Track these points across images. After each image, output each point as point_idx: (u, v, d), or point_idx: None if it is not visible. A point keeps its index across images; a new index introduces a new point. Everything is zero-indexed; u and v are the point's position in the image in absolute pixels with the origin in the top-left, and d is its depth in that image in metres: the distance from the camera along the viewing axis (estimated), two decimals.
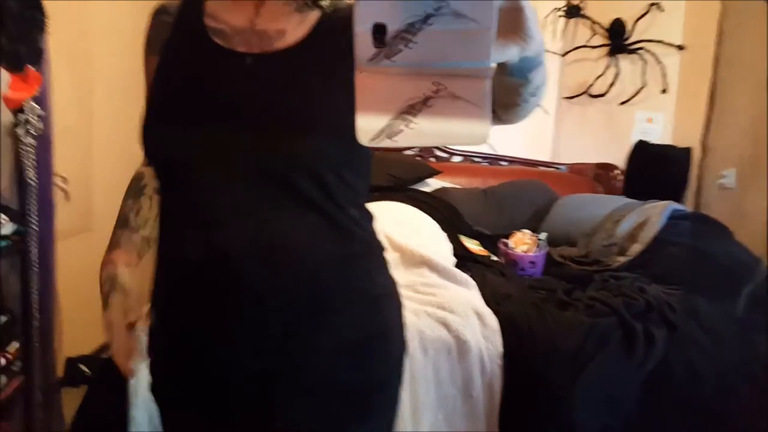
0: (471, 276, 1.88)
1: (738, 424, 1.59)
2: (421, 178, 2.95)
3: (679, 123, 3.28)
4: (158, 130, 0.83)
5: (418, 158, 3.26)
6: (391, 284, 0.94)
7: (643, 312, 1.70)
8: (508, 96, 0.73)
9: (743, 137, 2.86)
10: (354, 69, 0.54)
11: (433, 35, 0.53)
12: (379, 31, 0.52)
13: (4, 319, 1.49)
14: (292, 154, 0.79)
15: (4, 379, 1.49)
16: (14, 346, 1.55)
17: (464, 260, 2.08)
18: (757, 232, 2.49)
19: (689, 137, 3.21)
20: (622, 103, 3.29)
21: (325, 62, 0.82)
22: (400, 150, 3.28)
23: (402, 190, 2.69)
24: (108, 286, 0.95)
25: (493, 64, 0.56)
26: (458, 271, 1.86)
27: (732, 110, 2.96)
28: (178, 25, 0.89)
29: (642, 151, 3.31)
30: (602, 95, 3.29)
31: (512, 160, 3.34)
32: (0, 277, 1.46)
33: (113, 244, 0.99)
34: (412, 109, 0.56)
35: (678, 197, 3.04)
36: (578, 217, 2.58)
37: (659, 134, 3.32)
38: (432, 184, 2.95)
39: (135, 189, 1.00)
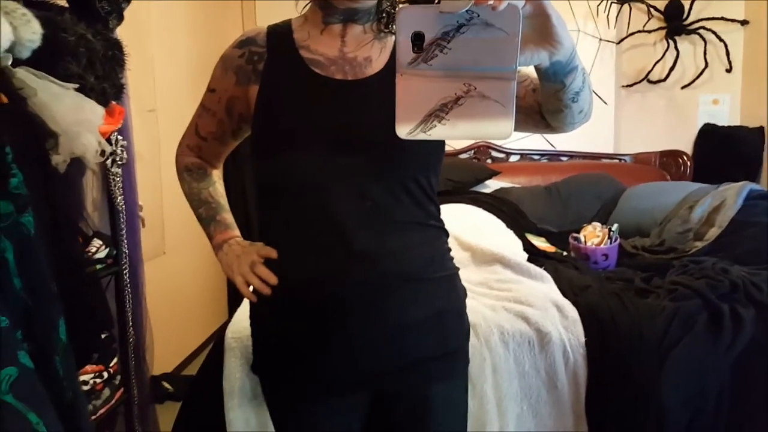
0: (545, 271, 1.95)
1: None
2: (479, 180, 3.02)
3: (747, 102, 3.25)
4: (292, 158, 0.97)
5: (475, 160, 3.34)
6: (455, 266, 1.11)
7: (728, 293, 1.73)
8: (550, 101, 0.86)
9: None
10: (396, 72, 0.66)
11: (465, 42, 0.64)
12: (418, 38, 0.64)
13: (105, 336, 1.66)
14: (404, 168, 0.97)
15: (107, 391, 1.65)
16: (114, 361, 1.71)
17: (535, 256, 2.14)
18: None
19: (760, 116, 3.18)
20: (685, 86, 3.29)
21: None
22: (457, 154, 3.38)
23: (462, 193, 2.78)
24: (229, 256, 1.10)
25: (519, 68, 0.67)
26: (532, 266, 1.93)
27: None
28: (274, 56, 1.03)
29: (710, 134, 3.30)
30: (662, 80, 3.31)
31: (573, 155, 3.39)
32: (100, 299, 1.63)
33: (223, 225, 1.14)
34: (445, 107, 0.68)
35: (753, 179, 3.01)
36: (648, 207, 2.61)
37: (727, 116, 3.30)
38: (491, 186, 3.03)
39: (205, 176, 1.20)
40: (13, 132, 1.22)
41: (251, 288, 1.05)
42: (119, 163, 1.78)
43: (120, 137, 1.79)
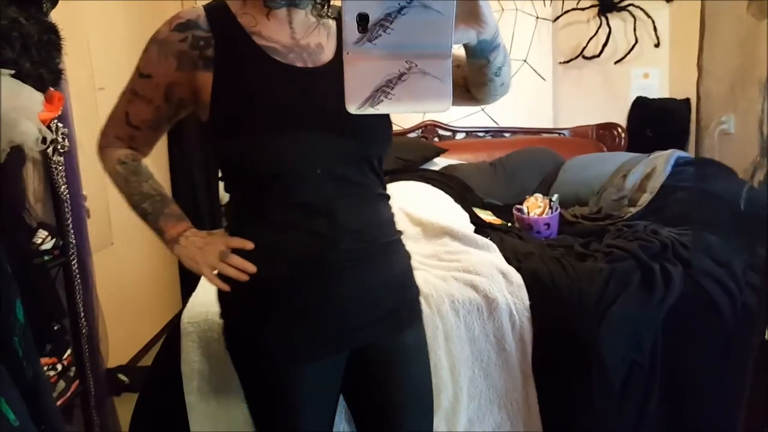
0: (490, 241, 2.04)
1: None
2: (427, 159, 3.10)
3: (675, 75, 3.43)
4: (265, 145, 1.00)
5: (423, 139, 3.42)
6: None
7: (658, 252, 1.85)
8: (476, 76, 0.95)
9: (736, 78, 3.00)
10: (343, 51, 0.71)
11: (406, 23, 0.71)
12: (362, 19, 0.69)
13: (57, 327, 1.65)
14: (369, 146, 1.06)
15: (62, 383, 1.64)
16: (67, 353, 1.70)
17: (482, 228, 2.23)
18: None
19: (687, 89, 3.36)
20: (617, 61, 3.45)
21: None
22: (405, 133, 3.45)
23: (411, 171, 2.85)
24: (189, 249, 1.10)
25: (454, 46, 0.74)
26: (479, 236, 2.01)
27: (722, 49, 3.07)
28: (226, 43, 1.03)
29: (641, 107, 3.47)
30: (597, 56, 3.45)
31: (515, 131, 3.50)
32: (49, 289, 1.62)
33: (173, 217, 1.13)
34: (390, 83, 0.74)
35: (681, 147, 3.20)
36: (586, 177, 2.74)
37: (657, 89, 3.48)
38: (439, 163, 3.11)
39: (141, 170, 1.15)
40: None
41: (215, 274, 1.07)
42: (61, 151, 1.76)
43: (60, 124, 1.76)
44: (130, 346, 2.66)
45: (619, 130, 3.44)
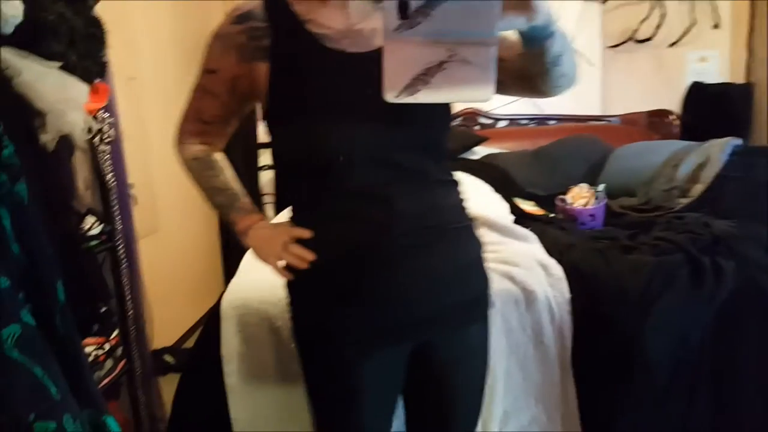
0: (530, 232, 2.01)
1: None
2: (467, 148, 3.06)
3: (735, 59, 3.27)
4: (322, 133, 1.01)
5: (463, 128, 3.38)
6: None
7: (709, 246, 1.79)
8: (533, 66, 0.92)
9: None
10: (383, 38, 0.70)
11: (447, 9, 0.68)
12: (403, 6, 0.68)
13: (104, 309, 1.72)
14: (422, 135, 1.04)
15: (110, 362, 1.71)
16: (115, 333, 1.77)
17: (522, 219, 2.20)
18: None
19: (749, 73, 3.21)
20: (672, 44, 3.31)
21: None
22: None
23: (450, 160, 2.81)
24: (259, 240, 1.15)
25: (498, 34, 0.71)
26: (518, 227, 1.98)
27: None
28: (281, 33, 1.03)
29: (698, 92, 3.33)
30: (649, 39, 3.32)
31: (560, 119, 3.42)
32: (95, 273, 1.68)
33: (245, 210, 1.16)
34: (429, 72, 0.72)
35: (741, 135, 3.05)
36: (635, 167, 2.65)
37: (715, 73, 3.33)
38: (479, 152, 3.07)
39: (215, 164, 1.18)
40: (2, 110, 1.26)
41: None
42: (107, 140, 1.82)
43: (106, 115, 1.82)
44: (176, 328, 2.74)
45: (672, 117, 3.31)
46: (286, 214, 1.17)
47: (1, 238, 0.77)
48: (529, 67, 0.93)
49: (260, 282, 1.73)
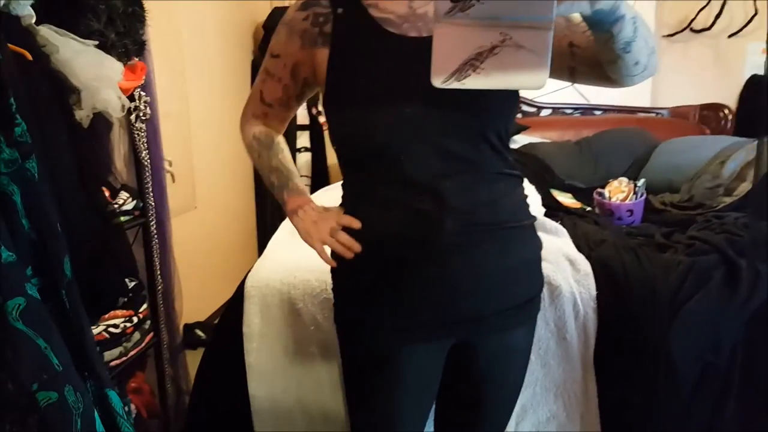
0: (562, 225, 1.96)
1: None
2: None
3: None
4: (375, 120, 0.99)
5: None
6: (533, 215, 1.15)
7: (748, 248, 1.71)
8: (603, 52, 0.87)
9: None
10: (433, 21, 0.67)
11: None
12: None
13: (134, 283, 1.77)
14: (485, 120, 0.99)
15: (137, 335, 1.77)
16: (144, 307, 1.83)
17: (555, 212, 2.15)
18: None
19: None
20: (731, 35, 3.16)
21: None
22: None
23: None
24: (305, 222, 1.14)
25: (555, 18, 0.68)
26: (547, 220, 1.94)
27: None
28: (343, 17, 1.03)
29: (757, 86, 3.17)
30: (707, 29, 3.18)
31: (607, 109, 3.32)
32: (125, 245, 1.74)
33: (294, 191, 1.16)
34: (480, 57, 0.69)
35: None
36: (681, 162, 2.56)
37: None
38: (519, 141, 3.01)
39: (273, 145, 1.19)
40: (37, 87, 1.31)
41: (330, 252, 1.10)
42: (143, 118, 1.87)
43: (143, 93, 1.87)
44: (209, 304, 2.82)
45: (726, 111, 3.17)
46: (319, 195, 1.17)
47: (11, 213, 0.81)
48: (600, 53, 0.89)
49: (283, 264, 1.76)
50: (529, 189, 2.26)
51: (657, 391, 1.59)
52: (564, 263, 1.72)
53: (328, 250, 1.11)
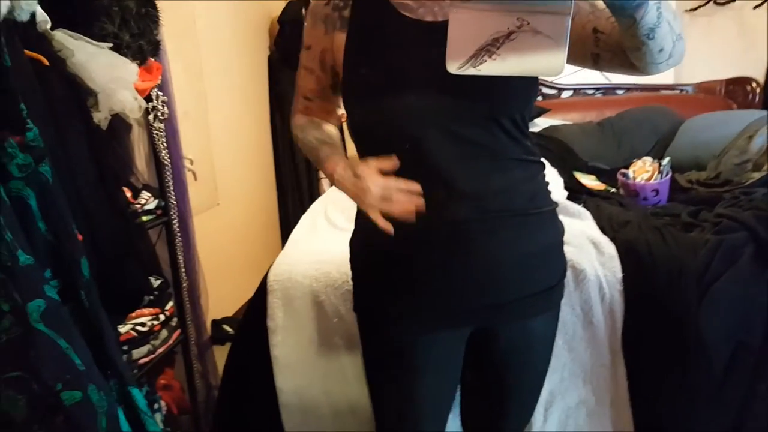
0: (585, 208, 1.93)
1: None
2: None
3: None
4: (387, 103, 0.98)
5: None
6: (554, 202, 1.13)
7: None
8: (626, 38, 0.84)
9: None
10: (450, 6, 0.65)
11: None
12: None
13: (159, 281, 1.80)
14: (499, 105, 0.97)
15: (165, 332, 1.80)
16: (170, 304, 1.85)
17: (577, 194, 2.12)
18: None
19: None
20: (757, 6, 3.06)
21: None
22: None
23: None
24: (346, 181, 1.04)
25: (580, 2, 0.65)
26: (570, 203, 1.91)
27: None
28: (360, 1, 1.03)
29: None
30: (731, 1, 3.09)
31: (629, 88, 3.25)
32: (148, 244, 1.76)
33: (328, 157, 1.07)
34: (496, 42, 0.67)
35: None
36: (707, 139, 2.49)
37: None
38: (540, 124, 2.96)
39: (314, 125, 1.15)
40: (54, 91, 1.33)
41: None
42: (161, 118, 1.88)
43: (160, 93, 1.88)
44: (236, 300, 2.84)
45: (753, 85, 3.07)
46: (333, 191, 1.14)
47: (28, 216, 0.82)
48: (623, 39, 0.86)
49: (304, 257, 1.76)
50: (552, 172, 2.23)
51: (688, 373, 1.56)
52: (588, 246, 1.70)
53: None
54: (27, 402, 0.77)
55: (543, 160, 2.28)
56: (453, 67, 0.68)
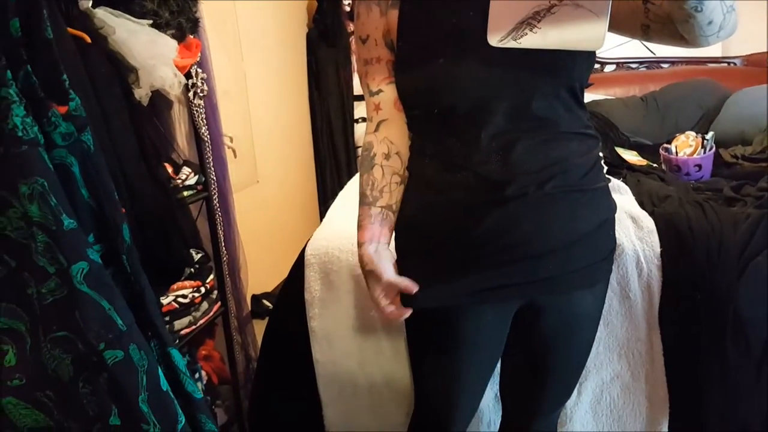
0: (625, 183, 1.89)
1: None
2: None
3: None
4: (431, 73, 0.96)
5: None
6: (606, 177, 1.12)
7: None
8: (674, 10, 0.82)
9: None
10: None
11: None
12: None
13: (200, 255, 1.84)
14: (552, 79, 0.94)
15: (205, 304, 1.85)
16: (210, 278, 1.90)
17: (617, 169, 2.08)
18: None
19: None
20: None
21: None
22: None
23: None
24: (362, 267, 1.09)
25: None
26: (610, 178, 1.88)
27: None
28: None
29: None
30: None
31: (675, 61, 3.15)
32: (188, 218, 1.81)
33: (359, 225, 1.10)
34: (537, 15, 0.67)
35: None
36: (753, 113, 2.40)
37: None
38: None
39: (366, 162, 1.11)
40: (96, 68, 1.37)
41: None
42: (200, 94, 1.92)
43: (199, 70, 1.91)
44: (275, 275, 2.89)
45: None
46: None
47: (71, 183, 0.85)
48: (672, 11, 0.84)
49: (342, 231, 1.78)
50: None
51: (725, 350, 1.52)
52: (626, 221, 1.67)
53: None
54: (72, 360, 0.80)
55: None
56: (494, 40, 0.68)
